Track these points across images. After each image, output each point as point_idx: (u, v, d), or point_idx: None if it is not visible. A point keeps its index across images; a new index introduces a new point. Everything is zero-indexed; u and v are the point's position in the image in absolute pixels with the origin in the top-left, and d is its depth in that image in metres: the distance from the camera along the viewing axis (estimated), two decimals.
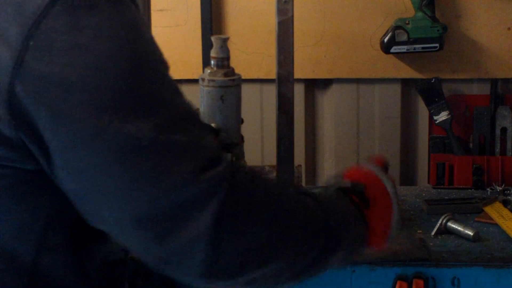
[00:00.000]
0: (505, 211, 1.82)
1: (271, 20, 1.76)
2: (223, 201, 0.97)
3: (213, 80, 1.62)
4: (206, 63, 2.07)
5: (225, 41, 1.64)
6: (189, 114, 1.01)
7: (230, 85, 1.62)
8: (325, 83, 2.25)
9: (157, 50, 1.01)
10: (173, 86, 1.01)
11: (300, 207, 1.11)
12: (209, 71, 1.64)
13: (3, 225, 1.00)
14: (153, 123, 0.95)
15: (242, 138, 1.68)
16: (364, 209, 1.26)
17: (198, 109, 1.66)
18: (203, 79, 1.63)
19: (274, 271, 1.07)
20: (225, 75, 1.63)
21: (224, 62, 1.64)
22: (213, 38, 1.65)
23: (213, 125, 1.59)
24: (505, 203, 1.87)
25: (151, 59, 0.99)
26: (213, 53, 1.65)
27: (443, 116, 2.11)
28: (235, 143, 1.61)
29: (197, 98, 1.68)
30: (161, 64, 1.01)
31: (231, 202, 0.99)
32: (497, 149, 2.10)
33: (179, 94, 1.01)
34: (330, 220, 1.15)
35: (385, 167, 1.40)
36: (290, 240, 1.08)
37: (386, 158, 1.41)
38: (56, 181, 0.98)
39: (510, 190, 1.91)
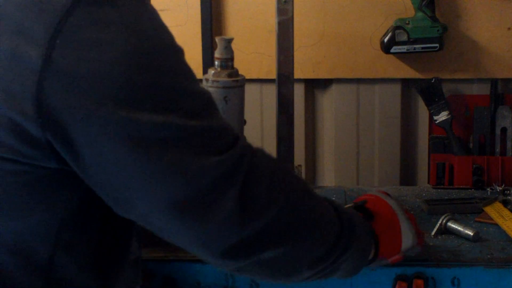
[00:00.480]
0: (505, 211, 1.82)
1: (271, 20, 1.76)
2: (246, 176, 1.03)
3: (217, 81, 1.62)
4: (206, 63, 2.07)
5: (229, 42, 1.64)
6: (207, 99, 1.05)
7: (233, 86, 1.62)
8: (325, 83, 2.25)
9: (173, 39, 1.04)
10: (191, 73, 1.05)
11: (314, 196, 1.16)
12: (213, 71, 1.63)
13: (20, 222, 1.01)
14: (179, 113, 0.98)
15: (244, 138, 1.68)
16: (369, 222, 1.30)
17: None
18: (206, 80, 1.63)
19: (290, 253, 1.11)
20: (229, 76, 1.63)
21: (228, 63, 1.64)
22: (217, 39, 1.65)
23: None
24: (505, 203, 1.87)
25: (172, 51, 1.03)
26: (217, 54, 1.64)
27: (443, 116, 2.11)
28: None
29: None
30: (180, 53, 1.04)
31: (253, 177, 1.04)
32: (497, 149, 2.10)
33: (196, 80, 1.05)
34: (343, 218, 1.18)
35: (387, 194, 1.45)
36: (305, 222, 1.13)
37: (387, 191, 1.47)
38: (85, 177, 1.00)
39: (510, 190, 1.91)
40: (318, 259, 1.15)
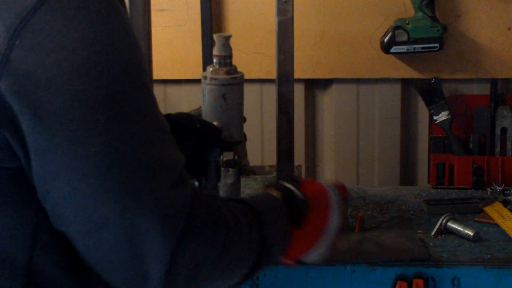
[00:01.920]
0: (505, 211, 1.82)
1: (271, 20, 1.76)
2: (185, 222, 0.98)
3: (215, 78, 1.61)
4: (206, 63, 2.07)
5: (227, 39, 1.63)
6: (164, 125, 1.01)
7: (232, 83, 1.61)
8: (325, 83, 2.25)
9: (140, 55, 1.00)
10: (152, 94, 1.01)
11: (243, 233, 1.11)
12: (211, 69, 1.63)
13: None
14: (133, 133, 0.95)
15: (244, 136, 1.68)
16: (295, 227, 1.25)
17: (200, 107, 1.66)
18: (205, 77, 1.62)
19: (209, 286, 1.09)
20: (228, 73, 1.62)
21: (226, 60, 1.63)
22: (215, 36, 1.64)
23: (215, 123, 1.59)
24: (505, 203, 1.87)
25: (136, 67, 0.99)
26: (215, 51, 1.64)
27: (443, 116, 2.11)
28: (237, 142, 1.60)
29: (197, 98, 1.68)
30: (143, 71, 1.00)
31: (191, 223, 0.99)
32: (497, 149, 2.10)
33: (156, 103, 1.01)
34: (266, 241, 1.16)
35: (344, 195, 1.37)
36: (233, 264, 1.10)
37: (346, 187, 1.39)
38: (31, 181, 0.97)
39: (510, 190, 1.91)
40: (233, 285, 1.15)
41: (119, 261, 0.97)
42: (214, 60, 1.63)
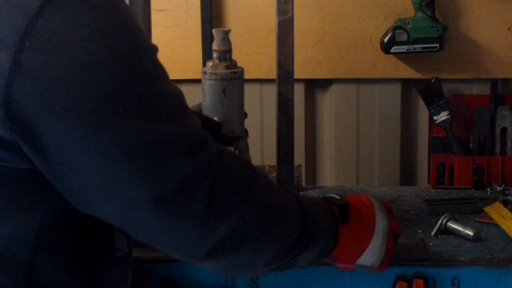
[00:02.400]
0: (505, 211, 1.81)
1: (271, 20, 1.76)
2: (212, 182, 1.04)
3: (215, 73, 1.60)
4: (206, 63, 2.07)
5: (226, 33, 1.63)
6: (179, 100, 1.05)
7: (232, 78, 1.61)
8: (325, 83, 2.25)
9: (146, 38, 1.03)
10: (163, 73, 1.04)
11: (281, 197, 1.17)
12: (211, 64, 1.62)
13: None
14: (150, 118, 0.99)
15: (246, 131, 1.67)
16: (339, 223, 1.28)
17: (200, 103, 1.65)
18: (205, 72, 1.62)
19: (251, 253, 1.12)
20: (227, 67, 1.61)
21: (226, 55, 1.62)
22: (214, 31, 1.64)
23: (215, 118, 1.58)
24: (505, 203, 1.87)
25: (144, 52, 1.02)
26: (214, 46, 1.63)
27: (443, 116, 2.11)
28: (238, 137, 1.60)
29: (197, 98, 1.67)
30: (152, 53, 1.03)
31: (220, 180, 1.05)
32: (497, 149, 2.10)
33: (168, 80, 1.05)
34: (307, 220, 1.19)
35: (389, 211, 1.42)
36: (269, 224, 1.14)
37: (392, 207, 1.42)
38: (51, 178, 0.99)
39: (510, 190, 1.91)
40: (276, 258, 1.18)
41: (157, 233, 1.03)
42: (214, 55, 1.63)
